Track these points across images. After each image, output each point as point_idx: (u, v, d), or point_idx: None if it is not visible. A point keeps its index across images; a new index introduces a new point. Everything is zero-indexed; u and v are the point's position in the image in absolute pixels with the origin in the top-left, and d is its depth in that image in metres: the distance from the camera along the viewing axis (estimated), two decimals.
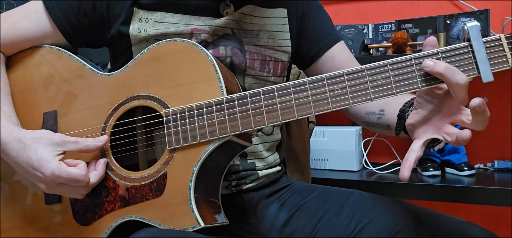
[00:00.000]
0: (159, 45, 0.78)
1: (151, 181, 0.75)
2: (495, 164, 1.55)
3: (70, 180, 0.73)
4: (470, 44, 0.63)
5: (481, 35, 0.64)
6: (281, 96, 0.70)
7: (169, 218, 0.73)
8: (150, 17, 0.85)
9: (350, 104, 0.67)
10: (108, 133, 0.79)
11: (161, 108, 0.76)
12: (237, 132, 0.72)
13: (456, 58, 0.64)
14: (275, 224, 0.91)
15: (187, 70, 0.76)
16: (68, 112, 0.82)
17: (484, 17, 1.40)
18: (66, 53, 0.84)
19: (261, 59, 0.91)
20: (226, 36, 0.88)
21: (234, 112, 0.72)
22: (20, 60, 0.86)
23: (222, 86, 0.73)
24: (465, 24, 0.63)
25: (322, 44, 0.96)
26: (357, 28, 1.62)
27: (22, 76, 0.85)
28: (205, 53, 0.75)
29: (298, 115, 0.69)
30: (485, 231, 0.74)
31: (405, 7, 1.71)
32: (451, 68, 0.62)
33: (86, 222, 0.79)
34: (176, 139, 0.74)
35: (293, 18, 0.95)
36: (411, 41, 1.43)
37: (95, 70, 0.82)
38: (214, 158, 0.75)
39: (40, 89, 0.84)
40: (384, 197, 0.87)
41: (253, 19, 0.91)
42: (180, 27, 0.85)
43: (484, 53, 0.63)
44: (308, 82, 0.69)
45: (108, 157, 0.78)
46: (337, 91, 0.68)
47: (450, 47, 0.65)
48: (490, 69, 0.62)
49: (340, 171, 1.60)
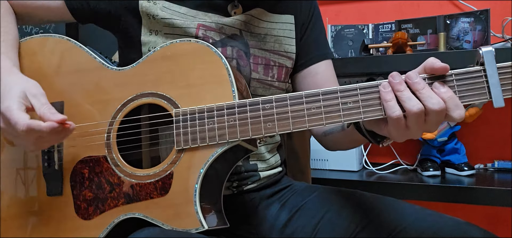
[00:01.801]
0: (173, 44, 0.78)
1: (157, 180, 0.75)
2: (495, 164, 1.55)
3: (13, 120, 0.68)
4: (484, 68, 0.64)
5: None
6: (293, 105, 0.70)
7: (172, 218, 0.73)
8: (158, 2, 0.86)
9: (362, 118, 0.67)
10: (115, 129, 0.78)
11: (171, 107, 0.76)
12: (247, 137, 0.71)
13: (469, 81, 0.65)
14: (276, 225, 0.91)
15: (200, 71, 0.75)
16: (75, 104, 0.81)
17: (484, 17, 1.40)
18: (77, 44, 0.84)
19: (265, 63, 0.91)
20: (234, 36, 0.88)
21: (245, 117, 0.72)
22: (28, 48, 0.86)
23: (234, 90, 0.73)
24: (480, 49, 0.64)
25: (308, 58, 0.97)
26: (357, 28, 1.62)
27: (29, 65, 0.84)
28: (219, 55, 0.75)
29: (309, 126, 0.69)
30: (485, 231, 0.74)
31: (405, 7, 1.71)
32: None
33: (88, 217, 0.78)
34: (184, 139, 0.74)
35: (299, 25, 0.96)
36: (411, 41, 1.44)
37: (105, 63, 0.82)
38: (220, 161, 0.75)
39: (47, 79, 0.83)
40: (384, 197, 0.87)
41: (261, 23, 0.91)
42: (186, 22, 0.85)
43: (497, 79, 0.64)
44: (321, 94, 0.69)
45: (114, 152, 0.78)
46: (350, 104, 0.68)
47: (463, 70, 0.65)
48: (501, 95, 0.64)
49: (340, 171, 1.60)
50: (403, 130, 0.66)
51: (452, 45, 1.44)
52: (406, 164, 1.65)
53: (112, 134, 0.79)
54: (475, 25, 1.41)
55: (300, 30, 0.97)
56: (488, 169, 1.56)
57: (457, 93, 0.65)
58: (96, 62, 0.82)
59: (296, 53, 0.96)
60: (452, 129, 1.49)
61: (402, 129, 0.65)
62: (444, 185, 1.34)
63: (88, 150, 0.79)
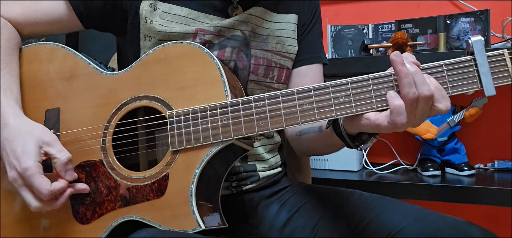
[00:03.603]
0: (165, 46, 0.78)
1: (153, 182, 0.75)
2: (495, 164, 1.55)
3: (35, 187, 0.72)
4: (474, 58, 0.65)
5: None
6: (285, 102, 0.70)
7: (169, 219, 0.73)
8: (158, 6, 0.85)
9: (354, 112, 0.67)
10: (110, 133, 0.79)
11: (165, 109, 0.76)
12: (241, 135, 0.72)
13: (460, 71, 0.65)
14: (275, 225, 0.91)
15: (192, 72, 0.76)
16: (71, 110, 0.82)
17: (484, 17, 1.40)
18: (71, 51, 0.84)
19: (267, 64, 0.91)
20: (234, 37, 0.88)
21: (238, 116, 0.72)
22: (24, 56, 0.86)
23: (227, 89, 0.74)
24: (469, 38, 0.65)
25: (301, 58, 0.96)
26: (357, 28, 1.62)
27: (26, 72, 0.85)
28: (211, 56, 0.76)
29: (301, 122, 0.70)
30: (485, 231, 0.74)
31: (405, 7, 1.71)
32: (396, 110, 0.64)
33: (86, 221, 0.79)
34: (179, 140, 0.74)
35: (300, 25, 0.96)
36: (411, 41, 1.43)
37: (99, 69, 0.82)
38: (216, 161, 0.75)
39: (44, 85, 0.84)
40: (384, 197, 0.87)
41: (264, 23, 0.91)
42: (184, 27, 0.85)
43: (487, 67, 0.64)
44: (313, 89, 0.69)
45: (110, 156, 0.79)
46: (341, 99, 0.68)
47: (454, 60, 0.66)
48: (492, 83, 0.64)
49: (340, 171, 1.60)
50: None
51: (452, 45, 1.44)
52: (406, 163, 1.64)
53: (107, 138, 0.79)
54: (475, 25, 1.41)
55: (300, 30, 0.96)
56: (488, 169, 1.56)
57: (448, 83, 0.65)
58: (91, 68, 0.83)
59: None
60: (452, 129, 1.49)
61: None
62: (444, 185, 1.34)
63: (84, 154, 0.79)
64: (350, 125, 0.72)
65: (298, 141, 0.94)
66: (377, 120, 0.66)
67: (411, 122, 0.65)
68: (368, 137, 0.74)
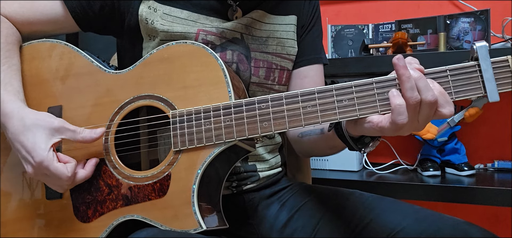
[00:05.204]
0: (169, 46, 0.78)
1: (155, 182, 0.75)
2: (495, 164, 1.55)
3: (54, 175, 0.73)
4: (478, 64, 0.64)
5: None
6: (289, 104, 0.70)
7: (170, 219, 0.73)
8: (158, 8, 0.85)
9: (357, 116, 0.68)
10: (113, 132, 0.79)
11: (168, 109, 0.76)
12: (244, 137, 0.72)
13: (464, 76, 0.65)
14: (275, 225, 0.91)
15: (196, 72, 0.76)
16: (73, 108, 0.82)
17: (484, 17, 1.40)
18: (74, 49, 0.84)
19: (267, 67, 0.91)
20: (235, 40, 0.88)
21: (241, 117, 0.72)
22: (26, 54, 0.86)
23: (230, 90, 0.74)
24: (474, 44, 0.64)
25: (301, 59, 0.96)
26: (357, 28, 1.62)
27: (27, 70, 0.85)
28: (215, 56, 0.75)
29: (305, 124, 0.70)
30: (485, 231, 0.74)
31: (405, 7, 1.71)
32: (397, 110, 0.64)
33: (87, 219, 0.79)
34: (181, 140, 0.74)
35: (299, 26, 0.96)
36: (411, 41, 1.44)
37: (103, 67, 0.82)
38: (218, 162, 0.75)
39: (45, 83, 0.84)
40: (384, 197, 0.87)
41: (263, 25, 0.91)
42: (186, 27, 0.85)
43: (491, 73, 0.64)
44: (316, 92, 0.69)
45: (112, 155, 0.79)
46: (345, 102, 0.68)
47: (458, 66, 0.66)
48: (496, 89, 0.64)
49: (340, 171, 1.60)
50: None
51: (452, 45, 1.44)
52: (406, 164, 1.65)
53: (110, 137, 0.79)
54: (475, 25, 1.41)
55: (300, 30, 0.96)
56: (488, 169, 1.56)
57: (452, 88, 0.65)
58: (93, 66, 0.83)
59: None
60: (452, 129, 1.49)
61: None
62: (444, 185, 1.34)
63: (86, 153, 0.79)
64: (353, 128, 0.72)
65: (299, 142, 0.94)
66: (380, 122, 0.66)
67: (414, 126, 0.65)
68: (370, 140, 0.74)
